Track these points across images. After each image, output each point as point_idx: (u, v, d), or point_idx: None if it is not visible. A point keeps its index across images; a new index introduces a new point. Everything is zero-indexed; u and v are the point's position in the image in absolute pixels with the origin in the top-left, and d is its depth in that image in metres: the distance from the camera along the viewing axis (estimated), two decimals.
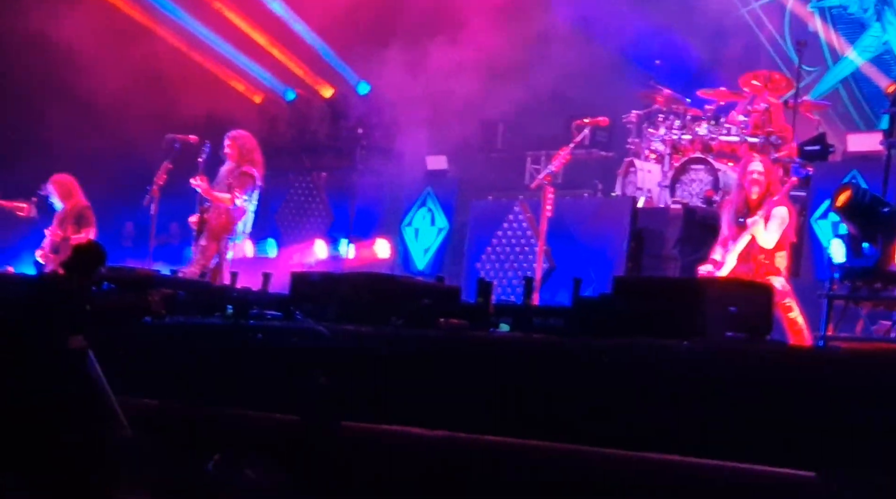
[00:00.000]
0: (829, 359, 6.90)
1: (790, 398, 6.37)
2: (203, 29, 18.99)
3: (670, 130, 15.11)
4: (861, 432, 6.13)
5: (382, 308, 8.61)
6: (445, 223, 16.80)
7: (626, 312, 7.61)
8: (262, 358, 8.28)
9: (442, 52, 17.65)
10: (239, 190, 13.56)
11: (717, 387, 6.58)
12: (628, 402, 6.80)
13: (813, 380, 6.40)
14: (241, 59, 19.38)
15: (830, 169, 13.98)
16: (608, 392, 6.89)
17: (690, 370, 6.73)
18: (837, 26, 17.94)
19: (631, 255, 14.10)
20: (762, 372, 6.58)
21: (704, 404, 6.55)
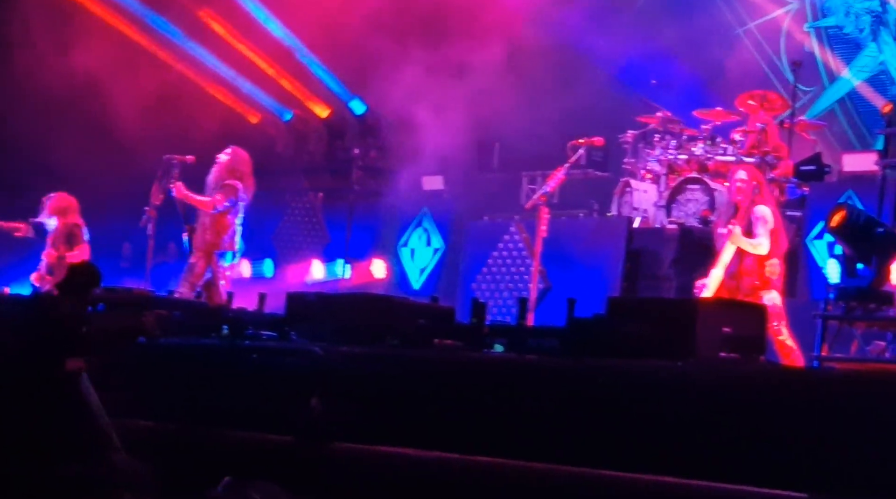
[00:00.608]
0: (823, 379, 6.91)
1: (783, 419, 6.37)
2: (200, 49, 19.01)
3: (666, 150, 15.11)
4: (854, 453, 6.13)
5: (377, 329, 8.62)
6: (441, 243, 16.81)
7: (620, 333, 7.62)
8: (258, 378, 8.28)
9: (438, 73, 17.67)
10: (220, 196, 13.58)
11: (711, 408, 6.58)
12: (622, 423, 6.80)
13: (807, 401, 6.40)
14: (238, 80, 19.39)
15: (826, 189, 14.00)
16: (602, 413, 6.89)
17: (684, 391, 6.73)
18: (833, 46, 17.97)
19: (627, 275, 14.10)
20: (755, 393, 6.59)
21: (697, 425, 6.55)
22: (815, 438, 6.23)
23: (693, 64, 17.78)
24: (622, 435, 6.77)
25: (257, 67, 19.38)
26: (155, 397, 8.43)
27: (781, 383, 6.70)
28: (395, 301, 9.45)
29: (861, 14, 17.69)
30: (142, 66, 18.05)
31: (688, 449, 6.56)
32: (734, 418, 6.49)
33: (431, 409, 7.50)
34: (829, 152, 15.51)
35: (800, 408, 6.38)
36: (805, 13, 18.18)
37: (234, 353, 8.58)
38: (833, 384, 6.60)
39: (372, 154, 18.78)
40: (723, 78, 17.24)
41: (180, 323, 9.32)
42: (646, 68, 17.80)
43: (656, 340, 7.47)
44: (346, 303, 9.29)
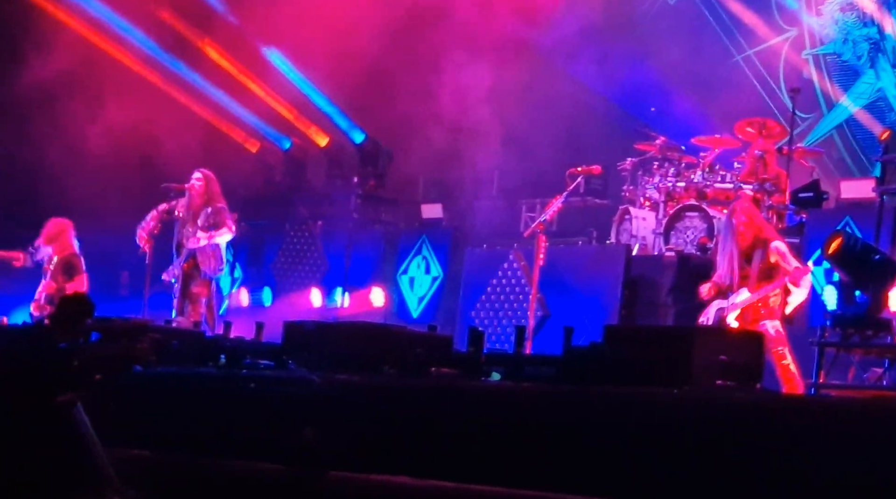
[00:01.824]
0: (819, 407, 6.90)
1: (780, 447, 6.36)
2: (199, 78, 19.06)
3: (665, 178, 15.12)
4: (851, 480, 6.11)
5: (375, 357, 8.61)
6: (440, 272, 16.81)
7: (617, 361, 7.62)
8: (255, 407, 8.28)
9: (436, 101, 17.71)
10: (229, 220, 13.70)
11: (707, 435, 6.57)
12: (619, 451, 6.79)
13: (803, 428, 6.39)
14: (237, 109, 19.44)
15: (824, 216, 14.00)
16: (599, 441, 6.88)
17: (681, 419, 6.72)
18: (831, 73, 18.01)
19: (625, 302, 14.09)
20: (752, 420, 6.58)
21: (694, 453, 6.54)
22: (811, 465, 6.22)
23: (692, 91, 17.83)
24: (619, 463, 6.76)
25: (256, 96, 19.41)
26: (152, 427, 8.42)
27: (778, 410, 6.69)
28: (392, 330, 9.45)
29: (859, 41, 17.73)
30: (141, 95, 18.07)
31: (685, 476, 6.55)
32: (731, 446, 6.47)
33: (428, 437, 7.49)
34: (828, 179, 15.53)
35: (797, 435, 6.37)
36: (803, 40, 18.23)
37: (231, 382, 8.57)
38: (830, 412, 6.59)
39: (371, 182, 18.81)
40: (722, 105, 17.27)
41: (178, 352, 9.32)
42: (645, 96, 17.85)
43: (653, 367, 7.46)
44: (344, 332, 9.29)
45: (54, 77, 17.22)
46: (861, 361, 10.06)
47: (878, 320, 9.53)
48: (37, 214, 15.45)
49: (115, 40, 18.72)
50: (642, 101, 17.88)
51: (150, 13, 18.77)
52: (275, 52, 19.24)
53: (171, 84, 19.03)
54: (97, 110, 17.47)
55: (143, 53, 18.86)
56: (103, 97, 17.58)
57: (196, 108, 19.12)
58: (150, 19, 18.78)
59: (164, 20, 18.87)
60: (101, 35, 18.62)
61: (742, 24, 18.55)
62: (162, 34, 18.86)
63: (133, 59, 18.81)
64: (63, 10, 18.47)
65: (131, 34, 18.73)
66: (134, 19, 18.68)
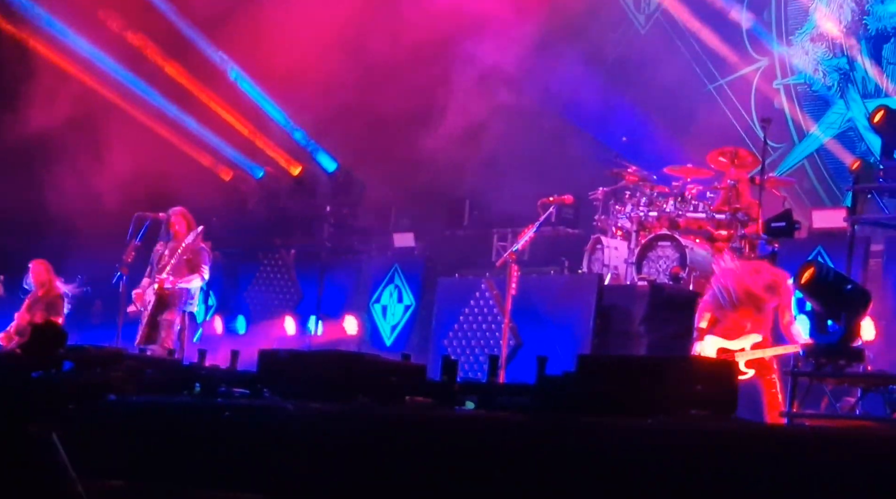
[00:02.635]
0: (793, 436, 6.92)
1: (754, 476, 6.38)
2: (172, 107, 19.05)
3: (637, 207, 15.17)
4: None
5: (349, 386, 8.60)
6: (412, 300, 16.82)
7: (590, 391, 7.63)
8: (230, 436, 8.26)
9: (409, 131, 17.75)
10: (203, 264, 13.69)
11: (681, 465, 6.59)
12: (593, 480, 6.80)
13: (777, 458, 6.41)
14: (210, 137, 19.43)
15: (796, 245, 14.06)
16: (572, 471, 6.89)
17: (654, 448, 6.74)
18: (802, 103, 18.12)
19: (598, 331, 14.10)
20: (726, 450, 6.60)
21: (668, 483, 6.55)
22: (785, 495, 6.24)
23: (663, 121, 17.90)
24: (593, 493, 6.76)
25: (230, 125, 19.42)
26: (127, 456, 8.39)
27: (752, 439, 6.71)
28: (366, 358, 9.43)
29: (829, 71, 17.86)
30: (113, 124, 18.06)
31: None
32: (705, 475, 6.49)
33: (402, 466, 7.49)
34: (799, 209, 15.60)
35: (771, 465, 6.39)
36: (774, 70, 18.34)
37: (206, 410, 8.55)
38: (803, 441, 6.61)
39: (343, 211, 18.81)
40: (694, 135, 17.35)
41: (152, 380, 9.29)
42: (616, 125, 17.92)
43: (627, 397, 7.47)
44: (318, 360, 9.27)
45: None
46: (834, 391, 10.10)
47: (850, 350, 9.57)
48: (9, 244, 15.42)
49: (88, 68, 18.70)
50: (614, 130, 17.94)
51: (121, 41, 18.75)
52: (248, 80, 19.25)
53: (143, 112, 19.01)
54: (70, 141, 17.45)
55: (115, 81, 18.83)
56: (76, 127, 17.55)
57: (168, 135, 19.09)
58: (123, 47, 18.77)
59: (136, 47, 18.85)
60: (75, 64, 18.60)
61: (714, 54, 18.64)
62: (134, 62, 18.84)
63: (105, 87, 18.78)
64: (27, 33, 18.46)
65: (103, 62, 18.71)
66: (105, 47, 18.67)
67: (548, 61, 18.38)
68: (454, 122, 17.67)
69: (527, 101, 18.68)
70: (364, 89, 17.94)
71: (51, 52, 18.44)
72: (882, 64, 17.33)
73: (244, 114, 19.41)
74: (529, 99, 18.72)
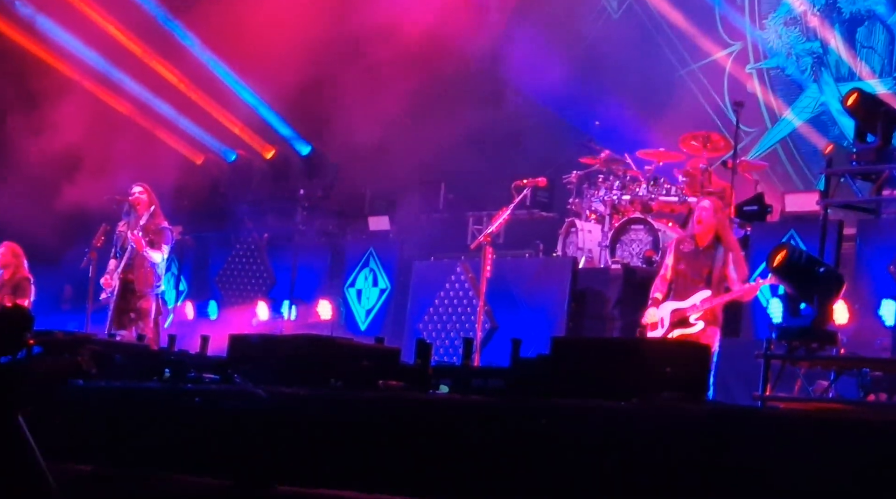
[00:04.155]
0: (766, 419, 6.92)
1: (727, 458, 6.37)
2: (143, 90, 18.96)
3: (610, 191, 15.18)
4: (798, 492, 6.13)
5: (321, 370, 8.57)
6: (388, 284, 16.77)
7: (565, 373, 7.62)
8: (200, 421, 8.21)
9: (384, 114, 17.70)
10: (164, 244, 13.62)
11: (654, 447, 6.58)
12: (567, 463, 6.79)
13: (751, 440, 6.41)
14: (182, 120, 19.34)
15: (768, 229, 14.07)
16: (547, 454, 6.87)
17: (627, 431, 6.73)
18: (775, 87, 18.12)
19: (572, 315, 14.11)
20: (699, 432, 6.59)
21: (641, 465, 6.54)
22: (758, 476, 6.23)
23: (636, 105, 17.88)
24: (566, 475, 6.75)
25: (201, 108, 19.32)
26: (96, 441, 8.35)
27: (725, 422, 6.71)
28: (338, 342, 9.40)
29: (802, 55, 17.86)
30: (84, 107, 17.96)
31: (632, 488, 6.55)
32: (678, 458, 6.48)
33: (375, 450, 7.46)
34: (772, 192, 15.60)
35: (744, 447, 6.38)
36: (747, 54, 18.33)
37: (176, 396, 8.51)
38: (777, 424, 6.61)
39: (317, 194, 18.73)
40: (666, 119, 17.34)
41: (122, 366, 9.24)
42: (589, 109, 17.89)
43: (600, 379, 7.46)
44: (290, 345, 9.23)
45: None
46: (807, 374, 10.08)
47: (823, 333, 9.56)
48: None
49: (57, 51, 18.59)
50: (587, 114, 17.92)
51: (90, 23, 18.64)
52: (220, 63, 19.16)
53: (114, 95, 18.91)
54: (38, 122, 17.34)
55: (85, 64, 18.73)
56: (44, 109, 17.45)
57: (140, 119, 19.00)
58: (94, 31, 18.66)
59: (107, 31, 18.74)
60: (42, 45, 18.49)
61: (686, 38, 18.63)
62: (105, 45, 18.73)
63: (75, 70, 18.68)
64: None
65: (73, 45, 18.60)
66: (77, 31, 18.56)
67: (521, 45, 18.36)
68: (429, 106, 17.63)
69: (500, 84, 18.66)
70: (337, 71, 17.88)
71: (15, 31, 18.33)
72: (856, 47, 17.34)
73: (215, 96, 19.32)
74: (503, 82, 18.69)
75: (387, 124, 17.68)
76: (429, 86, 17.66)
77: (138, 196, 13.72)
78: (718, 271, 11.36)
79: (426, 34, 17.38)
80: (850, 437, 6.17)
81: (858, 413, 8.71)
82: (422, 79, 17.61)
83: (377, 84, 17.63)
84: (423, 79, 17.63)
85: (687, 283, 11.44)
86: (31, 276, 14.48)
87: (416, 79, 17.51)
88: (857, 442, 6.12)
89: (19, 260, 14.50)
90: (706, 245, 11.49)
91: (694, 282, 11.40)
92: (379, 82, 17.63)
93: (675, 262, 11.60)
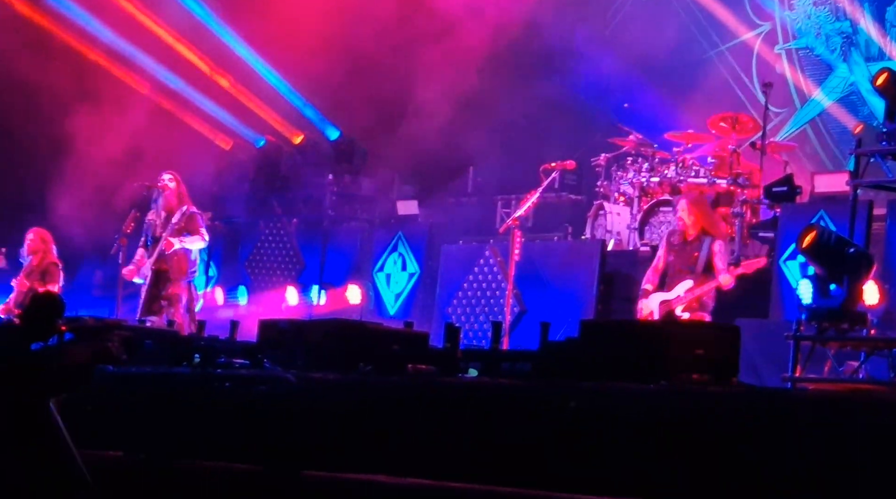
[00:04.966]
0: (796, 400, 6.90)
1: (757, 440, 6.36)
2: (171, 76, 18.97)
3: (638, 173, 15.15)
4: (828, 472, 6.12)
5: (351, 355, 8.58)
6: (416, 268, 16.76)
7: (594, 356, 7.61)
8: (229, 407, 8.24)
9: (412, 97, 17.69)
10: (200, 228, 13.66)
11: (683, 429, 6.57)
12: (595, 446, 6.78)
13: (780, 421, 6.39)
14: (210, 106, 19.34)
15: (798, 210, 14.00)
16: (575, 436, 6.87)
17: (656, 413, 6.72)
18: (804, 68, 18.03)
19: (601, 297, 14.09)
20: (728, 414, 6.58)
21: (670, 447, 6.53)
22: (788, 458, 6.22)
23: (665, 87, 17.83)
24: (596, 458, 6.75)
25: (229, 93, 19.33)
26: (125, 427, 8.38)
27: (754, 403, 6.69)
28: (368, 327, 9.41)
29: (832, 35, 17.76)
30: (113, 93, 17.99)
31: (661, 470, 6.54)
32: (707, 440, 6.47)
33: (405, 435, 7.47)
34: (801, 173, 15.53)
35: (773, 428, 6.37)
36: (776, 35, 18.24)
37: (206, 381, 8.53)
38: (807, 405, 6.60)
39: (346, 179, 18.72)
40: (695, 100, 17.28)
41: (152, 352, 9.27)
42: (617, 92, 17.85)
43: (629, 362, 7.46)
44: (319, 330, 9.25)
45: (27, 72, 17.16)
46: (837, 355, 10.05)
47: (853, 313, 9.54)
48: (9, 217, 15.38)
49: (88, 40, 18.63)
50: (615, 97, 17.88)
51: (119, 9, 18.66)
52: (248, 47, 19.16)
53: (142, 81, 18.93)
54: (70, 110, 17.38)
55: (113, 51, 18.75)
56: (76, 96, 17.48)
57: (168, 105, 19.02)
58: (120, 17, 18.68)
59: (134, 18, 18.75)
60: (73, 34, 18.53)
61: (715, 19, 18.54)
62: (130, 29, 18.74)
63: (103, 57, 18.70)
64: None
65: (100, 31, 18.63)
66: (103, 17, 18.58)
67: (549, 29, 18.30)
68: (457, 91, 17.60)
69: (528, 67, 18.61)
70: (366, 56, 17.85)
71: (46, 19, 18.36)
72: (886, 26, 17.23)
73: (244, 82, 19.32)
74: (530, 66, 18.64)
75: (415, 108, 17.66)
76: (457, 70, 17.61)
77: (167, 183, 13.73)
78: (703, 261, 11.69)
79: (456, 18, 17.36)
80: (880, 418, 6.15)
81: (889, 394, 8.69)
82: (450, 63, 17.58)
83: (406, 67, 17.60)
84: (452, 63, 17.60)
85: (675, 274, 11.81)
86: (59, 261, 14.52)
87: (445, 63, 17.48)
88: (888, 423, 6.10)
89: (48, 246, 14.54)
90: (693, 238, 11.83)
91: (681, 273, 11.77)
92: (407, 66, 17.60)
93: (665, 253, 12.00)
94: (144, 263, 13.60)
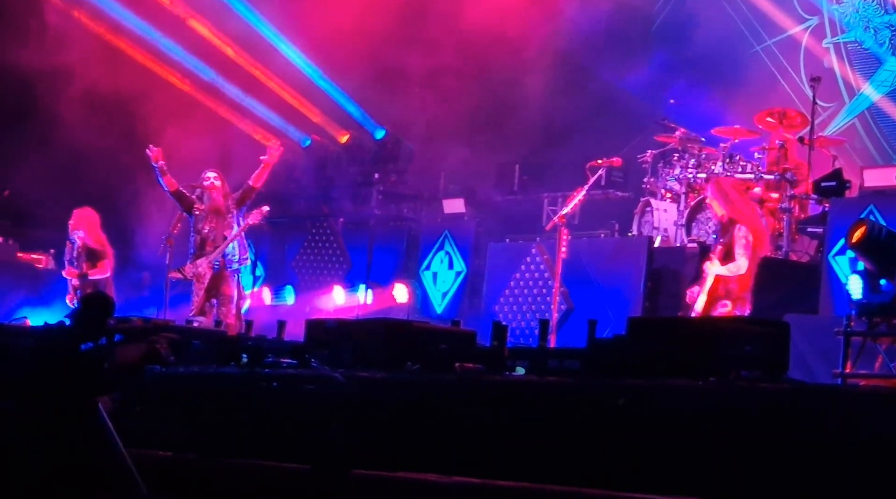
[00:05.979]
0: (848, 396, 6.84)
1: (808, 437, 6.31)
2: (218, 77, 19.05)
3: (685, 169, 15.10)
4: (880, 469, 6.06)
5: (398, 354, 8.57)
6: (463, 266, 16.77)
7: (642, 354, 7.57)
8: (277, 406, 8.25)
9: (457, 96, 17.70)
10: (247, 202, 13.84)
11: (734, 427, 6.52)
12: (644, 444, 6.75)
13: (832, 418, 6.34)
14: (256, 106, 19.42)
15: (847, 205, 13.89)
16: (624, 434, 6.84)
17: (706, 410, 6.67)
18: (853, 61, 17.93)
19: (648, 294, 14.06)
20: (779, 411, 6.52)
21: (721, 445, 6.49)
22: (840, 455, 6.16)
23: (711, 82, 17.78)
24: (645, 456, 6.71)
25: (276, 94, 19.39)
26: (174, 428, 8.40)
27: (805, 400, 6.64)
28: (415, 326, 9.39)
29: (880, 28, 17.65)
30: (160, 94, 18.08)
31: (710, 468, 6.50)
32: (758, 437, 6.42)
33: (453, 433, 7.45)
34: (850, 168, 15.44)
35: (824, 426, 6.31)
36: (824, 29, 18.15)
37: (254, 381, 8.54)
38: (858, 401, 6.54)
39: (392, 178, 18.78)
40: (741, 96, 17.22)
41: (199, 352, 9.29)
42: (664, 88, 17.81)
43: (678, 359, 7.41)
44: (367, 329, 9.24)
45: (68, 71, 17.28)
46: (888, 350, 9.98)
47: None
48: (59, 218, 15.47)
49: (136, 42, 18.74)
50: (661, 93, 17.84)
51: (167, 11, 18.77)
52: (293, 48, 19.21)
53: (189, 83, 19.02)
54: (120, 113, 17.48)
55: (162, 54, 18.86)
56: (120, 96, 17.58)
57: (214, 106, 19.10)
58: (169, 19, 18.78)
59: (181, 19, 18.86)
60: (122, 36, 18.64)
61: (761, 13, 18.48)
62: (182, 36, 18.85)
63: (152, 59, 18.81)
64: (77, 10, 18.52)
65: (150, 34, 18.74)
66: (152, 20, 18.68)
67: (595, 26, 18.28)
68: (503, 89, 17.59)
69: (574, 65, 18.58)
70: (412, 55, 17.86)
71: (102, 27, 18.50)
72: None
73: (290, 82, 19.38)
74: (577, 63, 18.62)
75: (461, 107, 17.66)
76: (503, 68, 17.61)
77: (213, 182, 13.79)
78: (725, 248, 11.62)
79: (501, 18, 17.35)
80: None
81: None
82: (496, 63, 17.58)
83: (452, 68, 17.60)
84: (498, 62, 17.60)
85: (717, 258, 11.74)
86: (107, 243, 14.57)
87: (491, 63, 17.48)
88: None
89: (93, 225, 14.59)
90: (725, 222, 11.75)
91: (712, 261, 11.74)
92: (454, 66, 17.60)
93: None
94: (201, 264, 13.65)
